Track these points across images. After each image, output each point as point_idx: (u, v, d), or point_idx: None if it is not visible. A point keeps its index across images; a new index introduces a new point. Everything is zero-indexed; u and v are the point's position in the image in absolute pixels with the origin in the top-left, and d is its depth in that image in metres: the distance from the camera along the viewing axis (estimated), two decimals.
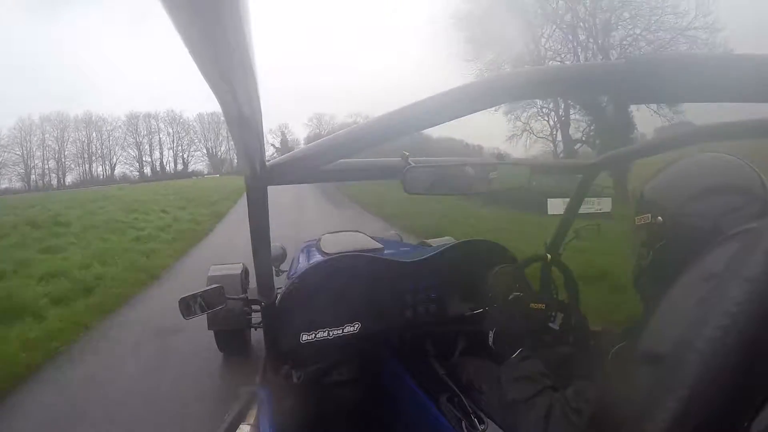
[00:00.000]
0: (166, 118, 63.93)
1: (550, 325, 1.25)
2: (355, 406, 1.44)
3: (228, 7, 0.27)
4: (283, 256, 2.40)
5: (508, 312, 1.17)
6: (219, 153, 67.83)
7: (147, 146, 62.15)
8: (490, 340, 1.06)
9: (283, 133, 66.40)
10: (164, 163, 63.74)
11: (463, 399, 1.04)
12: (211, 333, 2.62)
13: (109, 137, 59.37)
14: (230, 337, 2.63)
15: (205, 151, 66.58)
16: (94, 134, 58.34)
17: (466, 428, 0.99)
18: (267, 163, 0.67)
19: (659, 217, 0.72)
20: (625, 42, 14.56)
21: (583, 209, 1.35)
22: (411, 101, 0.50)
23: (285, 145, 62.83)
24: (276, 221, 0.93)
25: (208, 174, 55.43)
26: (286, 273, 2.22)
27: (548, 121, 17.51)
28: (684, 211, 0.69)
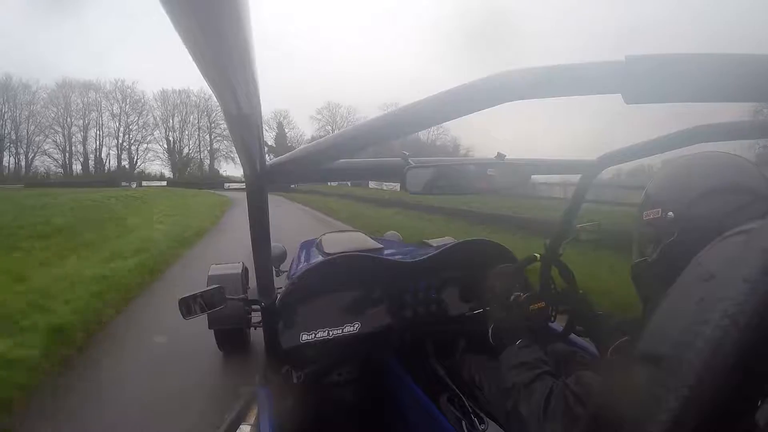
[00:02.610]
0: (113, 92, 42.36)
1: (551, 325, 1.26)
2: (355, 406, 1.44)
3: (228, 6, 0.27)
4: (283, 256, 2.41)
5: (508, 312, 1.17)
6: (186, 149, 45.46)
7: (80, 132, 41.21)
8: (490, 335, 1.06)
9: (280, 125, 47.58)
10: (102, 157, 42.52)
11: (463, 399, 1.05)
12: None
13: (29, 114, 38.35)
14: (230, 336, 2.64)
15: (165, 145, 43.96)
16: (6, 107, 37.84)
17: (466, 428, 0.99)
18: (267, 163, 0.68)
19: (670, 213, 0.71)
20: None
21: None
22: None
23: (282, 140, 46.16)
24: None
25: (157, 182, 36.14)
26: (286, 273, 2.23)
27: None
28: (693, 208, 0.68)
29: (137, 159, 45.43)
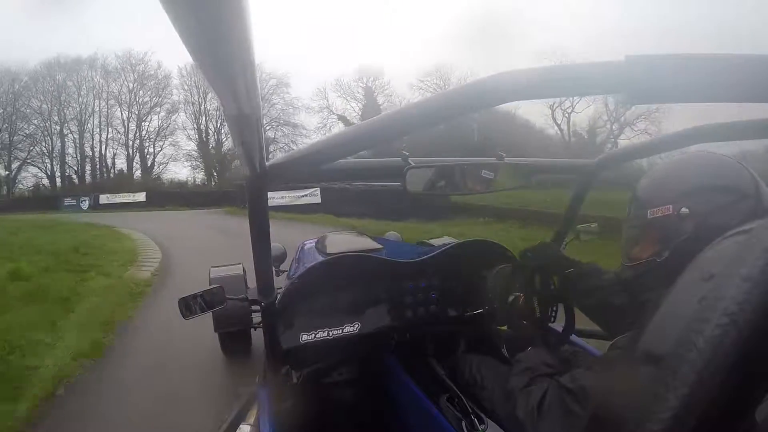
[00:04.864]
0: (122, 69, 29.47)
1: (551, 325, 1.26)
2: (355, 406, 1.44)
3: (228, 6, 0.27)
4: (283, 256, 2.41)
5: (508, 313, 1.17)
6: (228, 142, 28.27)
7: (74, 126, 28.95)
8: (504, 350, 1.08)
9: (368, 91, 29.98)
10: (105, 158, 29.58)
11: (463, 399, 1.05)
12: None
13: (12, 111, 27.73)
14: (234, 338, 2.65)
15: (195, 133, 30.13)
16: None
17: (466, 428, 0.99)
18: (267, 163, 0.68)
19: (684, 209, 0.67)
20: None
21: None
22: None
23: (374, 115, 16.18)
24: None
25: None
26: (286, 273, 2.23)
27: None
28: (707, 202, 0.66)
29: (153, 159, 30.81)
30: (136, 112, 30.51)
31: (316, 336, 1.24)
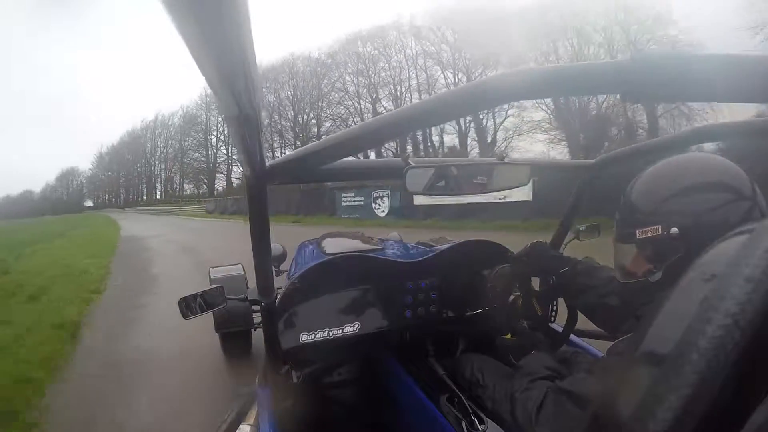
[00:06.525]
0: (436, 26, 24.79)
1: (552, 325, 1.25)
2: (354, 406, 1.44)
3: (228, 7, 0.27)
4: (283, 256, 2.41)
5: (508, 313, 1.17)
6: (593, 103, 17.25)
7: (387, 101, 25.87)
8: (511, 358, 1.08)
9: None
10: (429, 136, 23.59)
11: (463, 399, 1.05)
12: None
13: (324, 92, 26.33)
14: (236, 338, 2.65)
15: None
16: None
17: (466, 428, 0.99)
18: (267, 163, 0.68)
19: (674, 228, 0.65)
20: None
21: None
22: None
23: None
24: None
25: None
26: (286, 273, 2.23)
27: None
28: (698, 216, 0.64)
29: (494, 134, 22.19)
30: (465, 72, 22.46)
31: (316, 336, 1.24)
